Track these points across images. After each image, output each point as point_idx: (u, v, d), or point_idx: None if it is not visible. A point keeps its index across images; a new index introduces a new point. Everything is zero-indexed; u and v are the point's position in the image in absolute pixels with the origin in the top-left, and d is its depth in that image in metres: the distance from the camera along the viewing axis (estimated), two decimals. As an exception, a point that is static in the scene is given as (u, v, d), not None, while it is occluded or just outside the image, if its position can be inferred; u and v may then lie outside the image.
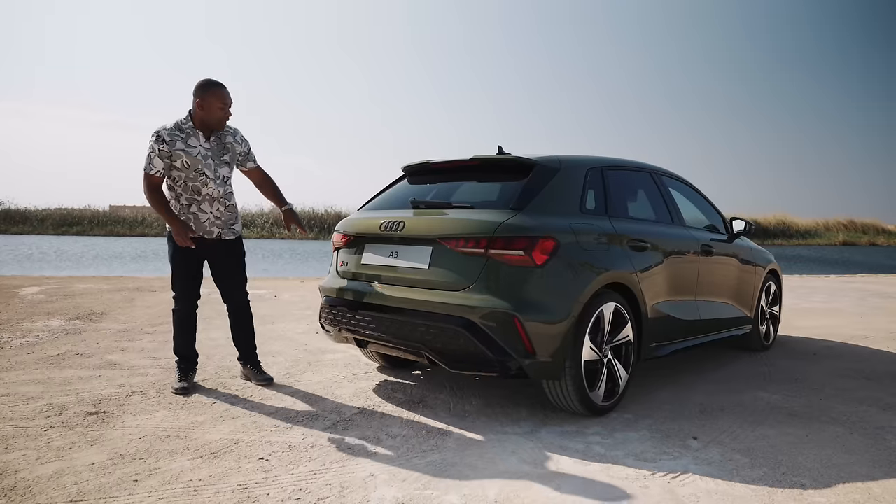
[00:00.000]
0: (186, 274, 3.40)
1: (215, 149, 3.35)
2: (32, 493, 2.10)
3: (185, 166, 3.25)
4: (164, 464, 2.36)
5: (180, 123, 3.27)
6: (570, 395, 2.90)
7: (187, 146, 3.25)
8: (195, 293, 3.46)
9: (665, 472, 2.37)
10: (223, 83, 3.29)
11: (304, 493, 2.14)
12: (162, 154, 3.20)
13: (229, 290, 3.51)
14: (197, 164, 3.26)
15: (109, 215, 31.79)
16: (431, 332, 2.85)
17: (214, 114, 3.25)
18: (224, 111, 3.28)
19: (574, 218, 3.04)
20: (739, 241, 4.52)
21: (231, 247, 3.48)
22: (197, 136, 3.29)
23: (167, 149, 3.20)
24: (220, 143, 3.38)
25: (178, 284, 3.41)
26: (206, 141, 3.32)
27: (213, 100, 3.24)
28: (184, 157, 3.23)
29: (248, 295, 3.59)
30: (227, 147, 3.41)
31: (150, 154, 3.21)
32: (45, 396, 3.21)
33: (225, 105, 3.28)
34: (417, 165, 3.59)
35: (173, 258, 3.38)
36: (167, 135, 3.22)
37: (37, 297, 7.20)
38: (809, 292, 9.38)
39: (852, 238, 35.03)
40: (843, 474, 2.38)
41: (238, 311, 3.55)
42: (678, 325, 3.60)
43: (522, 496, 2.14)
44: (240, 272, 3.52)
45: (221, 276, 3.50)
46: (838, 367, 4.25)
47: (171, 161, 3.23)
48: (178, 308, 3.43)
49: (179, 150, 3.23)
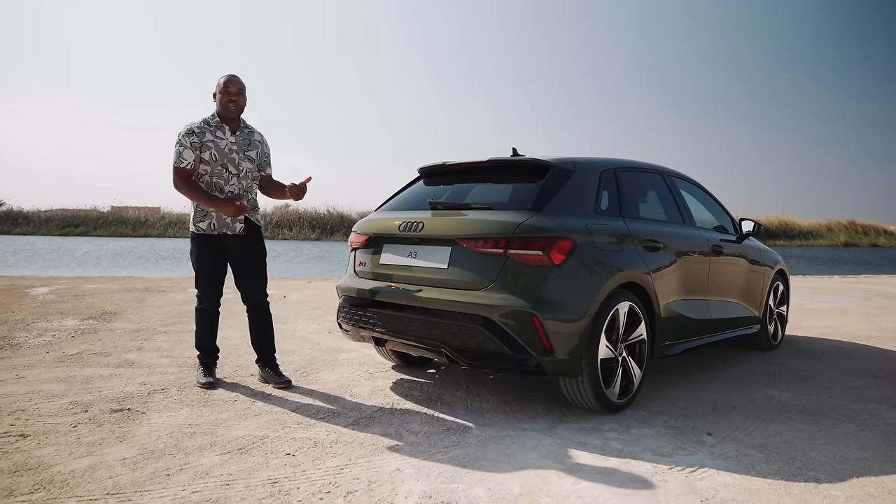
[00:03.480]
0: (210, 273, 3.47)
1: (241, 142, 3.46)
2: (70, 485, 2.16)
3: (213, 159, 3.35)
4: (194, 459, 2.42)
5: (207, 119, 3.43)
6: (586, 392, 2.96)
7: (216, 137, 3.37)
8: (218, 292, 3.53)
9: (682, 466, 2.43)
10: (234, 73, 3.43)
11: (334, 486, 2.20)
12: (193, 145, 3.31)
13: (250, 290, 3.56)
14: (224, 156, 3.38)
15: (112, 216, 31.86)
16: (451, 330, 2.91)
17: (222, 103, 3.40)
18: (229, 97, 3.38)
19: (590, 218, 3.10)
20: (748, 242, 4.57)
21: (253, 239, 3.53)
22: (223, 129, 3.41)
23: (197, 140, 3.32)
24: (246, 138, 3.49)
25: (202, 283, 3.48)
26: (232, 135, 3.43)
27: (219, 92, 3.40)
28: (212, 148, 3.35)
29: (268, 296, 3.65)
30: (254, 144, 3.52)
31: (179, 148, 3.31)
32: (68, 394, 3.27)
33: (229, 92, 3.37)
34: (433, 167, 3.65)
35: (197, 258, 3.45)
36: (196, 128, 3.36)
37: (48, 298, 7.26)
38: (814, 293, 9.44)
39: (854, 239, 35.03)
40: (857, 469, 2.44)
41: (258, 313, 3.61)
42: (690, 324, 3.66)
43: (545, 489, 2.20)
44: (261, 272, 3.58)
45: (243, 276, 3.55)
46: (846, 365, 4.30)
47: (201, 153, 3.34)
48: (201, 306, 3.51)
49: (209, 142, 3.34)
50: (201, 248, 3.42)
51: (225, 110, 3.40)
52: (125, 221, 31.06)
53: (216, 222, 3.40)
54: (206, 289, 3.49)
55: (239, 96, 3.39)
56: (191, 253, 3.50)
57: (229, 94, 3.37)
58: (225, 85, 3.38)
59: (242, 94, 3.42)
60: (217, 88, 3.40)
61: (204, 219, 3.40)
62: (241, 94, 3.41)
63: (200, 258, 3.44)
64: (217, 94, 3.40)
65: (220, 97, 3.39)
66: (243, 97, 3.43)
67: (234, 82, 3.39)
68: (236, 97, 3.38)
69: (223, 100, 3.38)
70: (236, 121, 3.46)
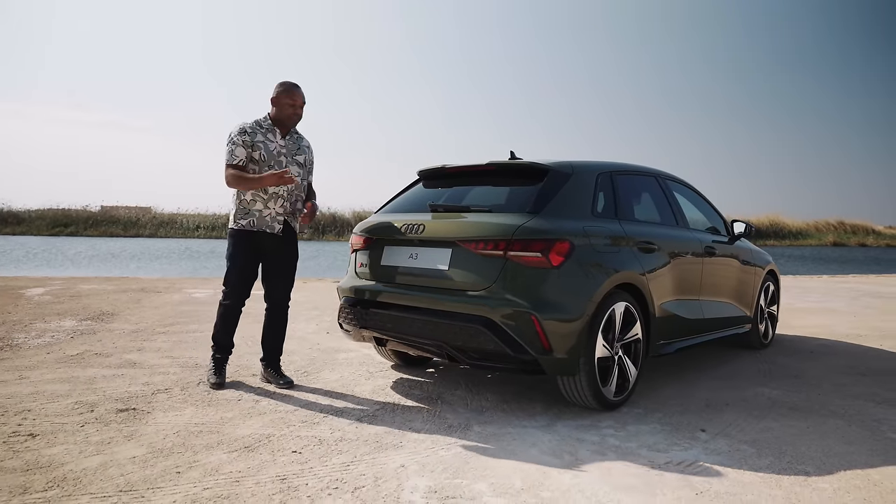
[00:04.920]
0: (244, 269, 3.53)
1: (290, 146, 3.57)
2: (82, 483, 2.21)
3: (262, 159, 3.44)
4: (203, 457, 2.48)
5: (259, 121, 3.53)
6: (583, 390, 3.04)
7: (266, 139, 3.47)
8: (247, 291, 3.59)
9: (678, 461, 2.51)
10: (298, 84, 3.54)
11: (341, 482, 2.26)
12: (245, 144, 3.41)
13: (276, 289, 3.64)
14: (272, 158, 3.47)
15: (102, 216, 31.68)
16: (452, 330, 2.98)
17: (285, 111, 3.51)
18: (294, 109, 3.52)
19: (587, 221, 3.18)
20: (740, 243, 4.68)
21: (289, 240, 3.62)
22: (274, 132, 3.51)
23: (249, 140, 3.42)
24: (296, 143, 3.61)
25: (234, 279, 3.53)
26: (282, 139, 3.53)
27: (284, 98, 3.50)
28: (262, 149, 3.44)
29: (290, 299, 3.73)
30: (302, 150, 3.63)
31: (232, 147, 3.41)
32: (73, 394, 3.31)
33: (295, 103, 3.51)
34: (433, 170, 3.72)
35: (233, 254, 3.52)
36: (249, 128, 3.46)
37: (43, 298, 7.27)
38: (804, 292, 9.58)
39: (842, 239, 35.43)
40: (844, 462, 2.53)
41: (277, 314, 3.68)
42: (683, 323, 3.75)
43: (546, 483, 2.27)
44: (291, 274, 3.67)
45: (273, 274, 3.62)
46: (835, 364, 4.41)
47: (251, 152, 3.42)
48: (227, 302, 3.56)
49: (259, 143, 3.44)
50: (239, 243, 3.50)
51: (288, 119, 3.52)
52: (116, 221, 30.89)
53: (256, 220, 3.48)
54: (237, 286, 3.54)
55: (302, 108, 3.54)
56: (228, 249, 3.56)
57: (296, 105, 3.50)
58: (293, 96, 3.49)
59: (304, 106, 3.55)
60: (281, 94, 3.49)
61: (245, 216, 3.48)
62: (303, 107, 3.55)
63: (236, 254, 3.50)
64: (280, 99, 3.48)
65: (283, 104, 3.48)
66: (303, 110, 3.57)
67: (302, 95, 3.53)
68: (300, 109, 3.53)
69: (288, 109, 3.49)
70: (288, 127, 3.57)
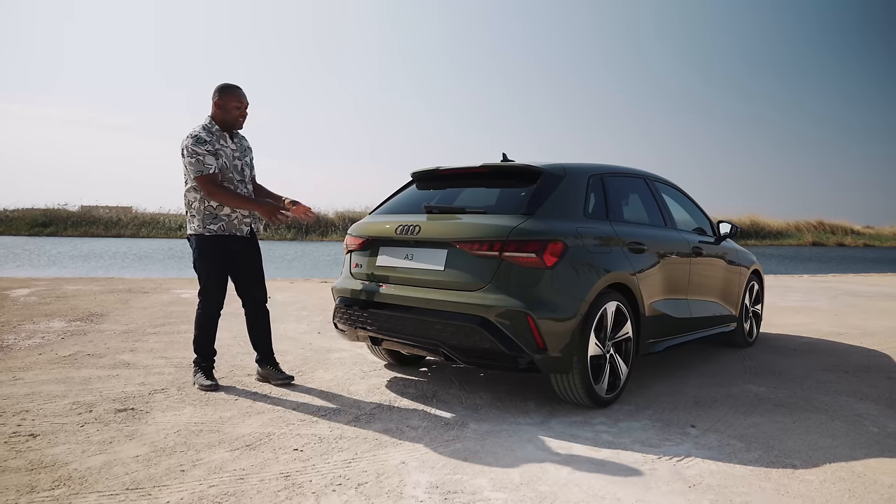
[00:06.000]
0: (220, 275, 3.52)
1: (239, 149, 3.55)
2: (88, 482, 2.23)
3: (224, 166, 3.42)
4: (205, 455, 2.51)
5: (207, 126, 3.45)
6: (576, 388, 3.11)
7: (220, 145, 3.43)
8: (222, 296, 3.57)
9: (670, 455, 2.59)
10: (238, 85, 3.49)
11: (344, 479, 2.31)
12: (209, 151, 3.35)
13: (253, 290, 3.64)
14: (230, 163, 3.46)
15: (82, 216, 31.27)
16: (448, 329, 3.04)
17: (232, 113, 3.45)
18: (240, 111, 3.48)
19: (579, 222, 3.25)
20: (725, 243, 4.78)
21: (254, 240, 3.63)
22: (224, 137, 3.48)
23: (211, 147, 3.37)
24: (241, 144, 3.59)
25: (212, 286, 3.51)
26: (231, 141, 3.51)
27: (231, 101, 3.45)
28: (222, 156, 3.42)
29: (268, 296, 3.73)
30: (247, 150, 3.63)
31: (198, 158, 3.33)
32: (69, 395, 3.31)
33: (241, 105, 3.47)
34: (427, 172, 3.77)
35: (206, 261, 3.46)
36: (205, 136, 3.38)
37: (29, 299, 7.20)
38: (786, 291, 9.77)
39: (821, 238, 36.04)
40: (829, 456, 2.63)
41: (258, 312, 3.68)
42: (672, 322, 3.84)
43: (544, 478, 2.34)
44: (262, 271, 3.67)
45: (246, 277, 3.62)
46: (817, 361, 4.54)
47: (216, 160, 3.39)
48: (205, 310, 3.53)
49: (219, 149, 3.41)
50: (212, 249, 3.44)
51: (235, 122, 3.49)
52: (96, 221, 30.51)
53: (226, 224, 3.46)
54: (215, 292, 3.52)
55: (246, 109, 3.51)
56: (197, 257, 3.48)
57: (242, 106, 3.47)
58: (239, 97, 3.45)
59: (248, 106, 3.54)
60: (227, 97, 3.43)
61: (215, 221, 3.44)
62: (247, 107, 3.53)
63: (210, 261, 3.46)
64: (227, 102, 3.43)
65: (230, 107, 3.43)
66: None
67: (245, 97, 3.49)
68: (246, 110, 3.51)
69: (234, 111, 3.45)
70: (234, 129, 3.54)
